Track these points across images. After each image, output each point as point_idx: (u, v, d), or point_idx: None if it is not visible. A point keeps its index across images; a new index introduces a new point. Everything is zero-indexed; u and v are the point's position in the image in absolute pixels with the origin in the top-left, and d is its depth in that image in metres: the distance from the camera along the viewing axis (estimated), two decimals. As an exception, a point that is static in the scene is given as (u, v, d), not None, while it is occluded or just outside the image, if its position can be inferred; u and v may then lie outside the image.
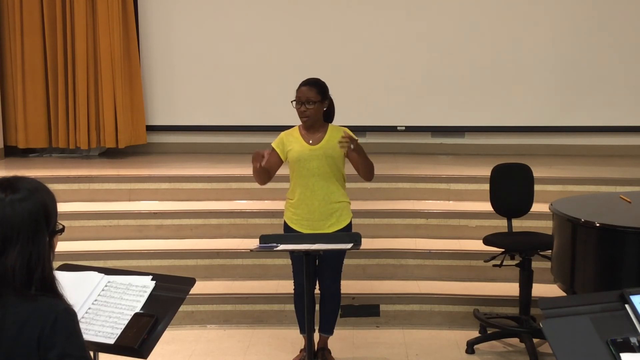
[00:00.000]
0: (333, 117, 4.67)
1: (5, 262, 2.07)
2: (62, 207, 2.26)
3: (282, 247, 4.03)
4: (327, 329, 4.77)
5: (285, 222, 4.66)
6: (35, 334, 2.04)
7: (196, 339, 5.20)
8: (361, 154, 4.45)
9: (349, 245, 3.95)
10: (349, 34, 7.78)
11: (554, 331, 2.42)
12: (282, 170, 4.67)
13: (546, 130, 7.79)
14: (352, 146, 4.32)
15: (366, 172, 4.55)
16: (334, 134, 4.55)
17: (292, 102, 4.54)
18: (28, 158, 7.86)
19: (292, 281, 4.73)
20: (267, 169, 4.48)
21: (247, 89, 7.87)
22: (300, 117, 4.54)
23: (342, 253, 4.58)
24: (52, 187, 2.24)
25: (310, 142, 4.55)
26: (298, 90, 4.54)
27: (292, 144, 4.56)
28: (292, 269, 4.71)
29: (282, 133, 4.65)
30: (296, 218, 4.58)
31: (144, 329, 2.67)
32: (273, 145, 4.59)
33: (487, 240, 4.99)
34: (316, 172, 4.51)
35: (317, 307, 4.58)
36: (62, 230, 2.22)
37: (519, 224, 5.30)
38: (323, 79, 4.63)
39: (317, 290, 4.57)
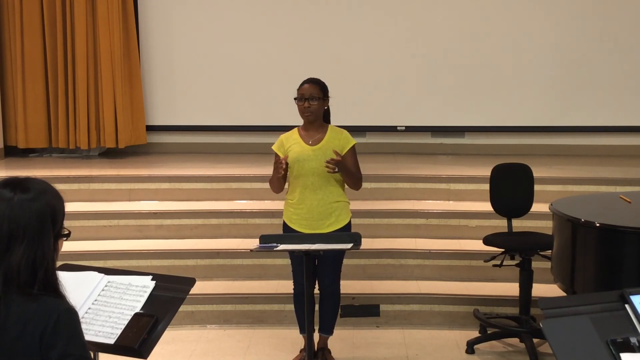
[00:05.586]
0: (329, 118, 4.71)
1: (10, 261, 2.09)
2: (63, 207, 2.26)
3: (282, 247, 4.03)
4: (327, 329, 4.76)
5: (284, 221, 4.67)
6: (38, 333, 2.06)
7: (196, 339, 5.20)
8: (346, 172, 4.51)
9: (349, 245, 3.95)
10: (349, 34, 7.78)
11: (554, 331, 2.41)
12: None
13: (546, 130, 7.79)
14: (336, 169, 4.40)
15: (352, 185, 4.64)
16: (333, 135, 4.58)
17: (294, 99, 4.57)
18: (28, 158, 7.86)
19: (292, 281, 4.73)
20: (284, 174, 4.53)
21: (247, 89, 7.87)
22: (303, 114, 4.54)
23: (341, 253, 4.59)
24: (52, 187, 2.24)
25: (310, 142, 4.57)
26: (300, 87, 4.56)
27: (291, 144, 4.58)
28: (291, 268, 4.71)
29: (281, 135, 4.67)
30: (296, 218, 4.59)
31: (144, 329, 2.67)
32: (274, 148, 4.62)
33: (487, 240, 4.99)
34: (315, 172, 4.52)
35: (317, 307, 4.58)
36: (68, 235, 2.25)
37: (519, 224, 5.30)
38: (323, 79, 4.65)
39: (316, 290, 4.57)
